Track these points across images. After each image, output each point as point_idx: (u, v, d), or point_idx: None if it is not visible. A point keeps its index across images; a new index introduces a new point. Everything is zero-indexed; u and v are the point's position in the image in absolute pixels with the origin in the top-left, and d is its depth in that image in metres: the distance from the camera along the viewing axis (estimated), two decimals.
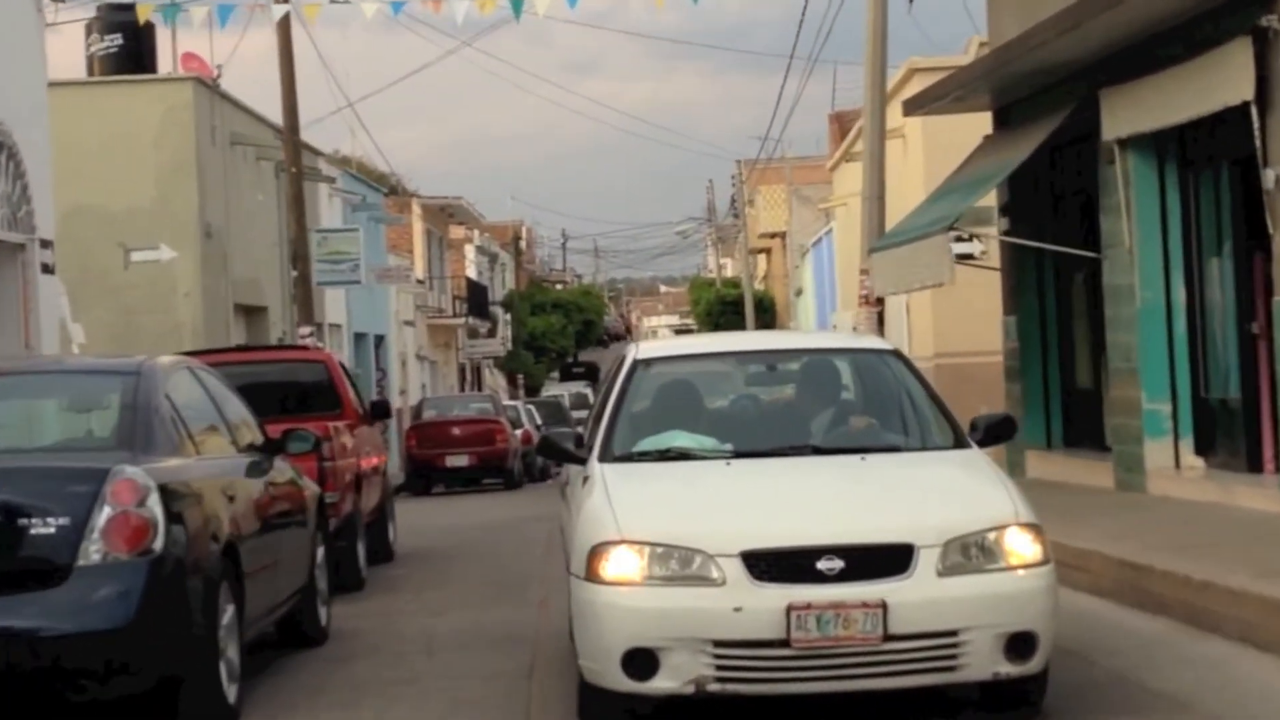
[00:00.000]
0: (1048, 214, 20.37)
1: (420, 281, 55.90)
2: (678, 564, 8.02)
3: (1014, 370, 21.68)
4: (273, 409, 13.94)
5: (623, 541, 8.11)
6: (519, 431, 38.18)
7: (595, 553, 8.17)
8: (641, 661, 7.97)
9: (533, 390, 77.15)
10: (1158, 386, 17.12)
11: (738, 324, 77.17)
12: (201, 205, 29.87)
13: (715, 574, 7.94)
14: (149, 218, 29.20)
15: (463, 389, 66.37)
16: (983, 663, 7.99)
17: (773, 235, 71.38)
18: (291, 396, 16.59)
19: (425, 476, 35.12)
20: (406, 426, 37.53)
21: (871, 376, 10.03)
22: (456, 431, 34.62)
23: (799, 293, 61.49)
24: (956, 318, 29.74)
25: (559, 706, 9.24)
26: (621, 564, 8.08)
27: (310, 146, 38.45)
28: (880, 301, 22.26)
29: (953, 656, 7.95)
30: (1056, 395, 21.05)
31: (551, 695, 9.64)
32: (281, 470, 11.40)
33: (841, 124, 44.43)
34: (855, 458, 9.06)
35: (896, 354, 10.14)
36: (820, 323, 51.24)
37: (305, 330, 30.06)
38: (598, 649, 8.14)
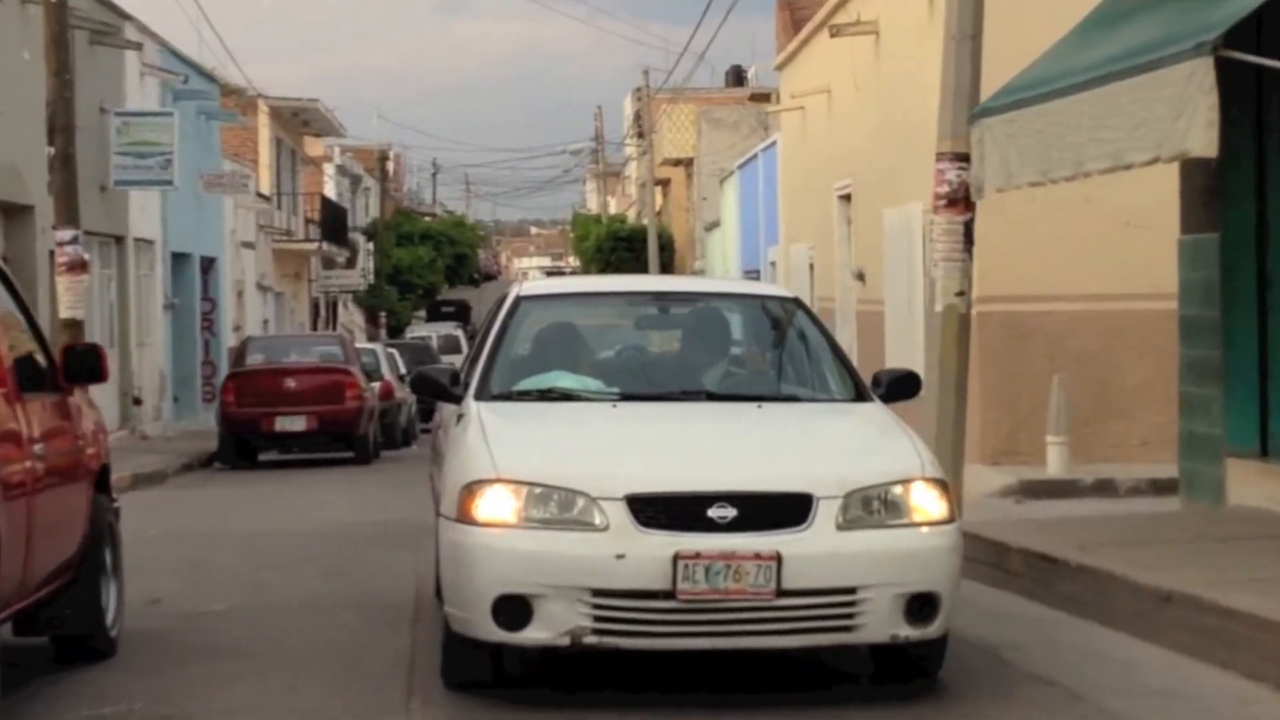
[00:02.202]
0: None
1: (264, 196, 46.60)
2: (557, 506, 7.61)
3: (1202, 326, 13.22)
4: None
5: (498, 480, 7.69)
6: (376, 384, 29.20)
7: (468, 491, 7.73)
8: (513, 610, 7.52)
9: (397, 331, 68.04)
10: None
11: (632, 262, 68.62)
12: None
13: (597, 518, 7.55)
14: None
15: (315, 327, 57.12)
16: (881, 624, 7.67)
17: (677, 162, 62.60)
18: None
19: (244, 444, 26.26)
20: (224, 375, 28.44)
21: (771, 325, 9.71)
22: (290, 384, 25.60)
23: (712, 227, 52.75)
24: (1005, 249, 21.22)
25: None
26: (496, 504, 7.65)
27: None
28: (970, 206, 13.56)
29: (849, 616, 7.64)
30: None
31: None
32: None
33: (794, 11, 35.68)
34: (751, 405, 8.76)
35: (798, 302, 9.87)
36: (747, 261, 42.57)
37: (65, 236, 20.90)
38: (466, 595, 7.66)
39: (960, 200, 13.52)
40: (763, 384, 9.27)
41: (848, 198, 28.22)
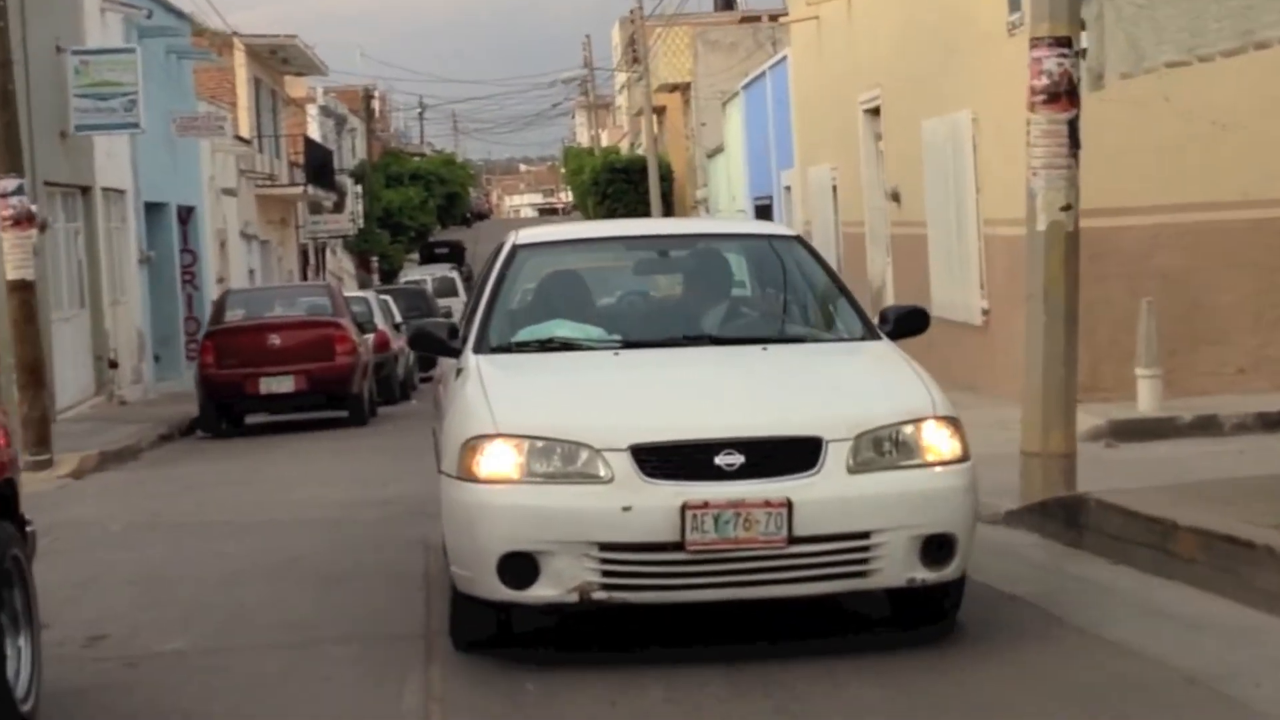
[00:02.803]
0: None
1: (244, 140, 44.08)
2: (560, 460, 7.41)
3: None
4: None
5: (499, 435, 7.48)
6: (370, 336, 26.83)
7: (469, 447, 7.52)
8: (519, 567, 7.30)
9: (390, 276, 65.57)
10: None
11: (630, 194, 66.28)
12: None
13: (602, 470, 7.34)
14: None
15: (305, 276, 54.67)
16: (897, 568, 7.45)
17: (673, 88, 60.01)
18: None
19: (227, 409, 23.71)
20: (202, 333, 26.02)
21: (772, 265, 9.39)
22: (275, 340, 23.10)
23: (714, 153, 50.28)
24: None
25: None
26: (498, 459, 7.44)
27: None
28: (1074, 101, 11.18)
29: (864, 561, 7.42)
30: None
31: None
32: None
33: None
34: (756, 348, 8.52)
35: (799, 240, 9.63)
36: (757, 188, 40.16)
37: (9, 186, 18.40)
38: (471, 554, 7.46)
39: (1062, 94, 11.13)
40: (767, 325, 9.02)
41: (875, 111, 25.82)
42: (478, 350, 8.52)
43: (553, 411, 7.64)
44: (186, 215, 36.81)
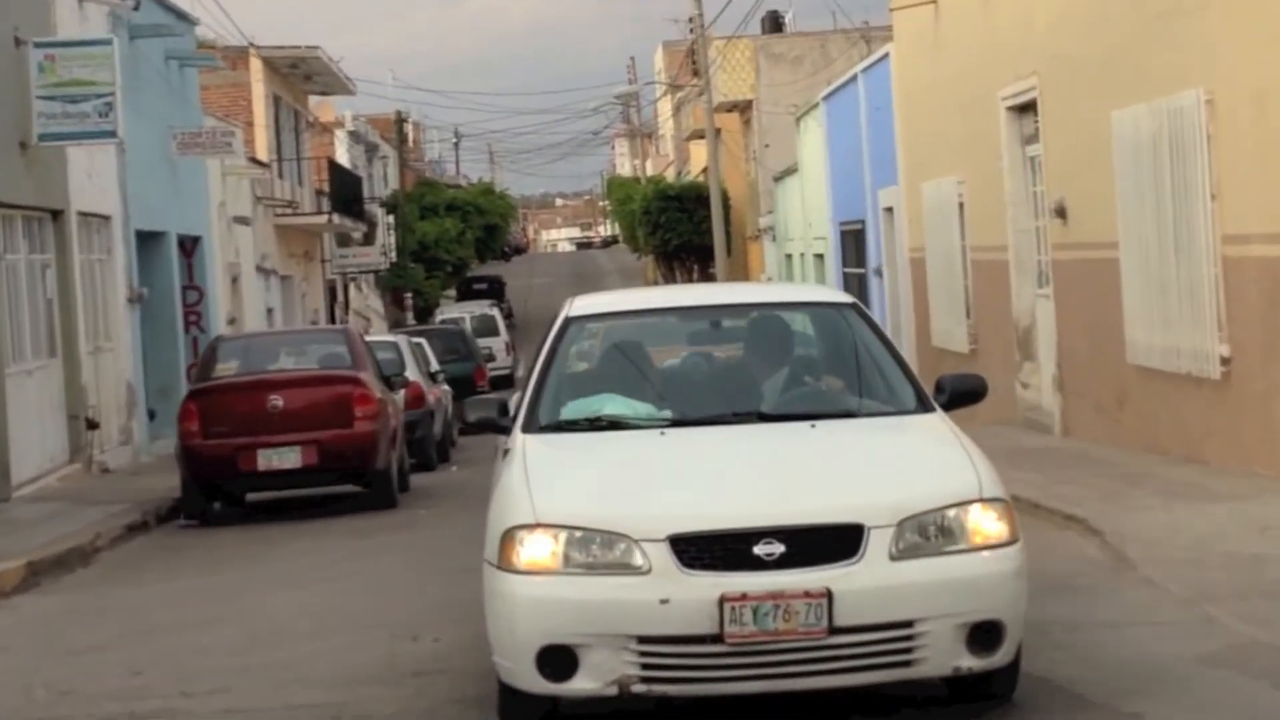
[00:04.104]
0: None
1: (260, 162, 39.19)
2: (599, 550, 7.36)
3: None
4: None
5: (538, 525, 7.44)
6: (402, 391, 21.74)
7: (508, 537, 7.50)
8: (558, 660, 7.30)
9: (425, 313, 60.62)
10: None
11: (685, 222, 61.45)
12: None
13: (640, 561, 7.30)
14: None
15: (333, 316, 49.70)
16: (942, 657, 7.38)
17: (731, 107, 54.98)
18: None
19: (215, 488, 18.42)
20: (184, 392, 20.82)
21: (827, 333, 9.42)
22: (277, 401, 17.81)
23: (784, 175, 45.17)
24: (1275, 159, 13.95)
25: None
26: (536, 550, 7.41)
27: None
28: None
29: (908, 650, 7.34)
30: None
31: None
32: None
33: None
34: (804, 425, 8.37)
35: (855, 307, 9.47)
36: (843, 211, 35.03)
37: None
38: (510, 646, 7.46)
39: None
40: (817, 400, 8.87)
41: (1026, 107, 20.77)
42: (526, 429, 8.51)
43: (592, 499, 7.57)
44: (191, 247, 31.93)
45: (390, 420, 18.69)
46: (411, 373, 24.43)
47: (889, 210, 30.07)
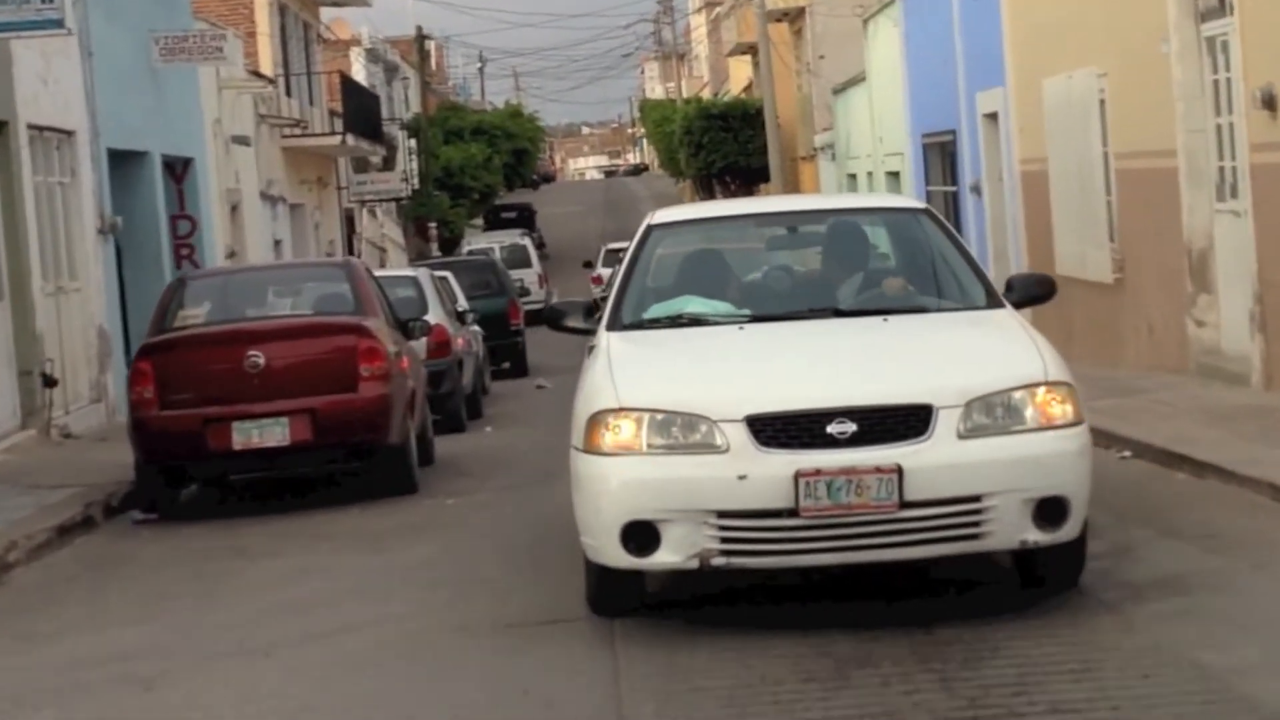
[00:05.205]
0: None
1: (263, 77, 34.88)
2: (679, 431, 7.77)
3: None
4: None
5: (621, 409, 7.86)
6: (423, 338, 17.40)
7: (593, 422, 7.93)
8: (641, 535, 7.72)
9: (451, 244, 56.30)
10: None
11: (729, 143, 57.04)
12: None
13: (719, 441, 7.69)
14: None
15: (351, 248, 45.35)
16: (1009, 530, 7.73)
17: (780, 16, 50.49)
18: None
19: (177, 473, 13.98)
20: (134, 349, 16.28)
21: (900, 237, 9.71)
22: (256, 358, 13.18)
23: (845, 86, 40.67)
24: None
25: None
26: (620, 433, 7.83)
27: None
28: None
29: (976, 524, 7.68)
30: None
31: None
32: None
33: None
34: (877, 319, 8.77)
35: (928, 212, 9.81)
36: (926, 122, 30.62)
37: None
38: (596, 524, 7.90)
39: None
40: (890, 298, 9.09)
41: None
42: (611, 327, 8.92)
43: (673, 385, 7.95)
44: (182, 170, 27.65)
45: (406, 380, 14.28)
46: (434, 314, 19.99)
47: (990, 116, 25.61)
